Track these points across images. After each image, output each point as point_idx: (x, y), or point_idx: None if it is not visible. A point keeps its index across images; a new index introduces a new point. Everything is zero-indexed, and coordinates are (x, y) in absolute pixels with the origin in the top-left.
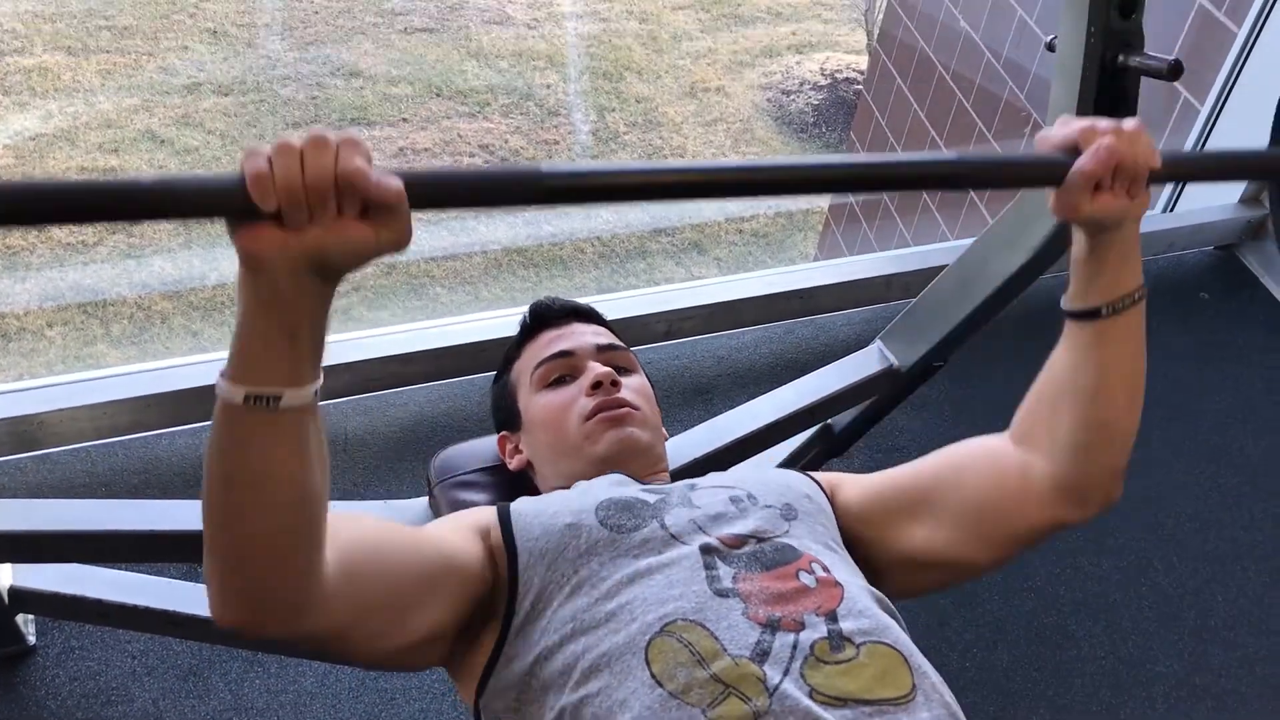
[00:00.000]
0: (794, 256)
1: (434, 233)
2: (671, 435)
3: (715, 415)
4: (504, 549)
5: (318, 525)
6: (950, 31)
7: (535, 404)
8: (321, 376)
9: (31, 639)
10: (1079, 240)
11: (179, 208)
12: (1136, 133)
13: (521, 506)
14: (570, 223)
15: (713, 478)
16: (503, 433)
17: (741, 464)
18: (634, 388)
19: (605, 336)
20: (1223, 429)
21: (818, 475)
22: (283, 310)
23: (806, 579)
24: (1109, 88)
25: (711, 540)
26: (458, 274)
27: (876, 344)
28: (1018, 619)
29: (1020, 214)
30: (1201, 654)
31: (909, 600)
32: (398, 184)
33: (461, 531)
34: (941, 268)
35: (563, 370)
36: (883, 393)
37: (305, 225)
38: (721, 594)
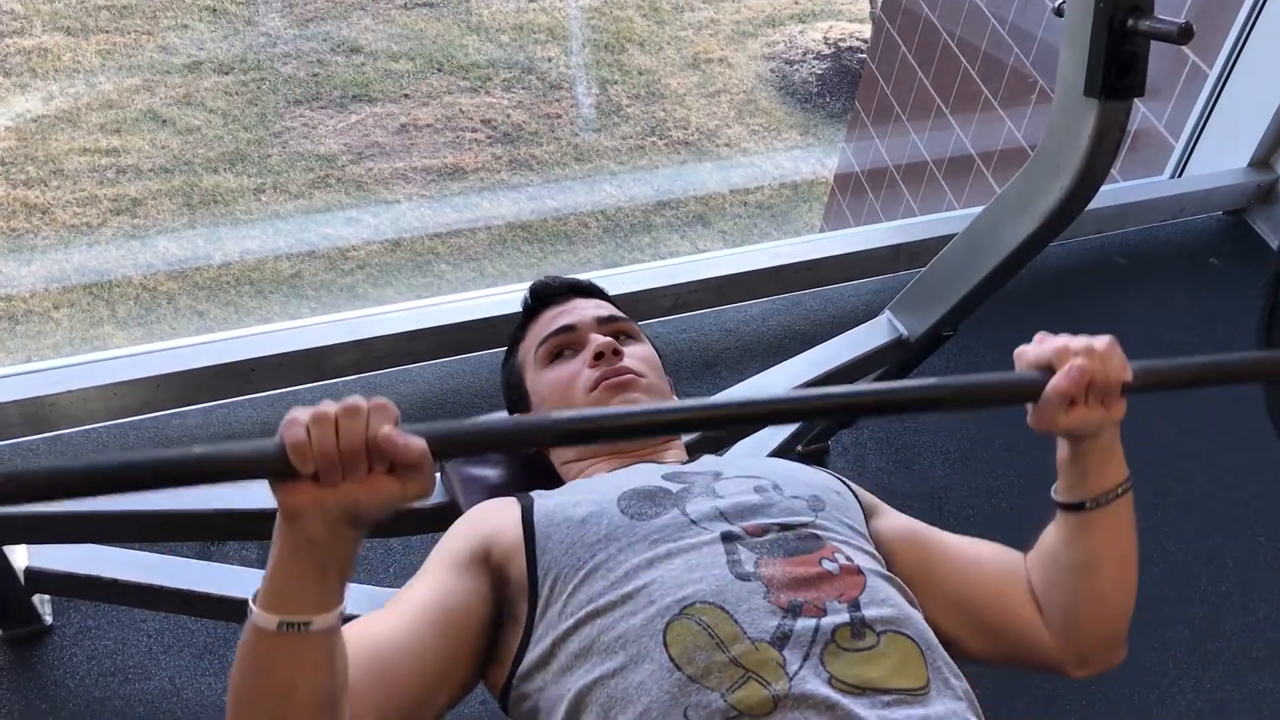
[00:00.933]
0: (799, 228)
1: (437, 209)
2: None
3: (723, 388)
4: (523, 549)
5: (340, 715)
6: (949, 20)
7: (541, 381)
8: (346, 600)
9: (48, 619)
10: (1061, 445)
11: (228, 473)
12: (1108, 351)
13: (544, 500)
14: (574, 197)
15: (738, 465)
16: (515, 415)
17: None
18: (638, 355)
19: (606, 309)
20: (1232, 394)
21: (856, 487)
22: (316, 554)
23: (829, 565)
24: (1118, 52)
25: (734, 528)
26: (462, 250)
27: (885, 314)
28: None
29: (1029, 181)
30: (1213, 619)
31: None
32: (421, 445)
33: (459, 571)
34: (949, 237)
35: (565, 345)
36: (892, 363)
37: (339, 483)
38: (742, 577)
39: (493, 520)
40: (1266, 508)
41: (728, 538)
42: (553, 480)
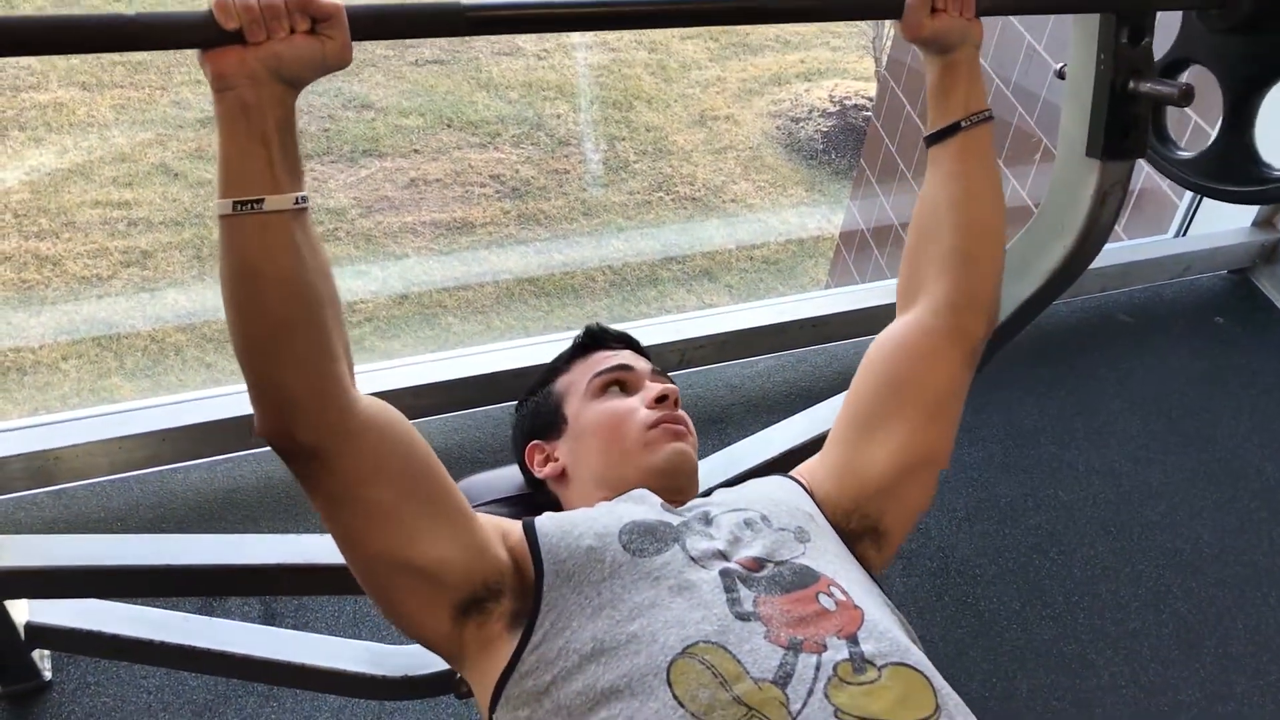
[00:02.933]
0: (805, 283)
1: (446, 263)
2: None
3: (730, 442)
4: (529, 560)
5: (321, 325)
6: None
7: (591, 409)
8: (303, 190)
9: (47, 674)
10: (931, 69)
11: (155, 39)
12: None
13: (545, 523)
14: (581, 251)
15: (726, 500)
16: (535, 441)
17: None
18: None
19: (655, 368)
20: (1239, 454)
21: (799, 476)
22: (251, 118)
23: (826, 602)
24: (1120, 114)
25: (731, 564)
26: (470, 304)
27: None
28: (1037, 647)
29: (1031, 241)
30: (1224, 682)
31: (917, 526)
32: (337, 2)
33: (486, 520)
34: None
35: (621, 382)
36: None
37: (263, 41)
38: (742, 617)
39: (504, 522)
40: (1275, 568)
41: (726, 575)
42: None
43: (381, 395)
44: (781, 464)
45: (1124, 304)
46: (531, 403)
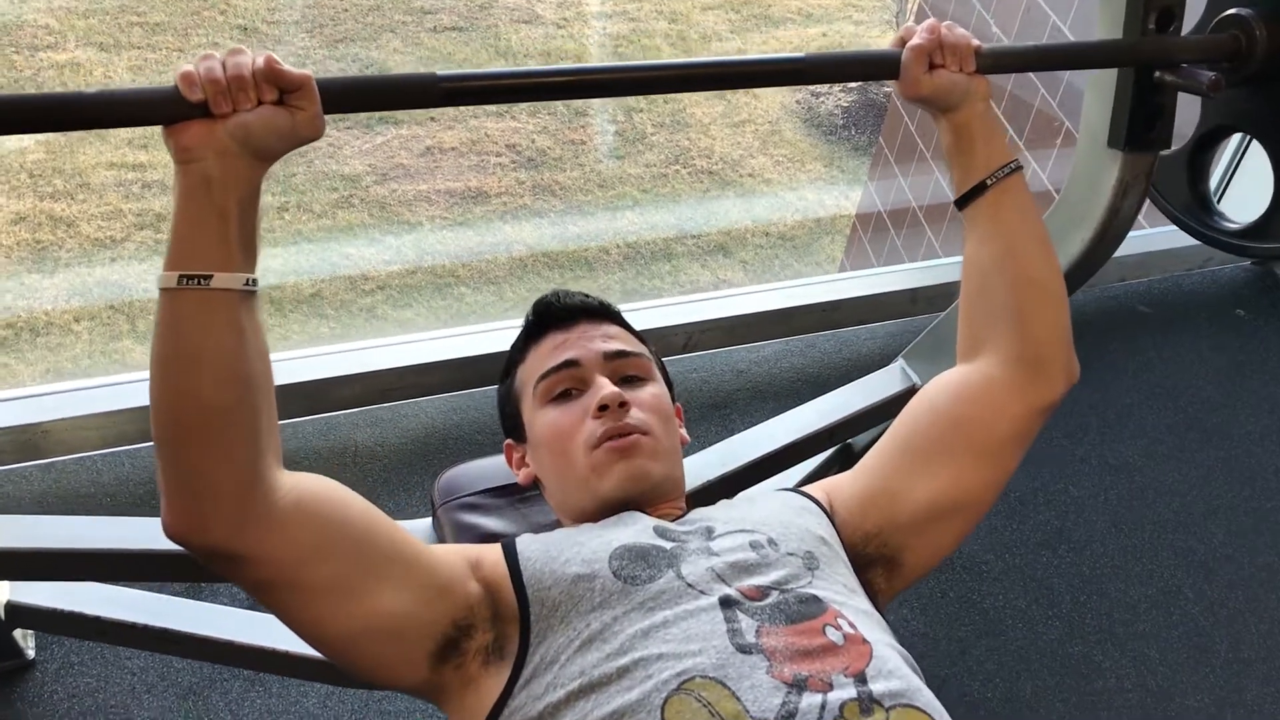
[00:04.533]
0: (821, 260)
1: (459, 233)
2: (688, 450)
3: (733, 431)
4: (510, 589)
5: (255, 415)
6: (981, 37)
7: (539, 422)
8: (256, 272)
9: (31, 653)
10: (942, 132)
11: (119, 116)
12: (951, 24)
13: (529, 549)
14: (596, 224)
15: (730, 517)
16: (509, 440)
17: (755, 492)
18: (647, 404)
19: (616, 341)
20: (1258, 450)
21: (817, 492)
22: (212, 192)
23: (834, 635)
24: (1144, 104)
25: (731, 591)
26: (482, 273)
27: (899, 363)
28: (1042, 648)
29: (1052, 228)
30: (1234, 687)
31: (935, 568)
32: (306, 73)
33: (450, 553)
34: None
35: (568, 383)
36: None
37: (228, 113)
38: (744, 649)
39: (480, 549)
40: None
41: (726, 603)
42: None
43: (380, 374)
44: (783, 459)
45: (1143, 294)
46: (500, 395)
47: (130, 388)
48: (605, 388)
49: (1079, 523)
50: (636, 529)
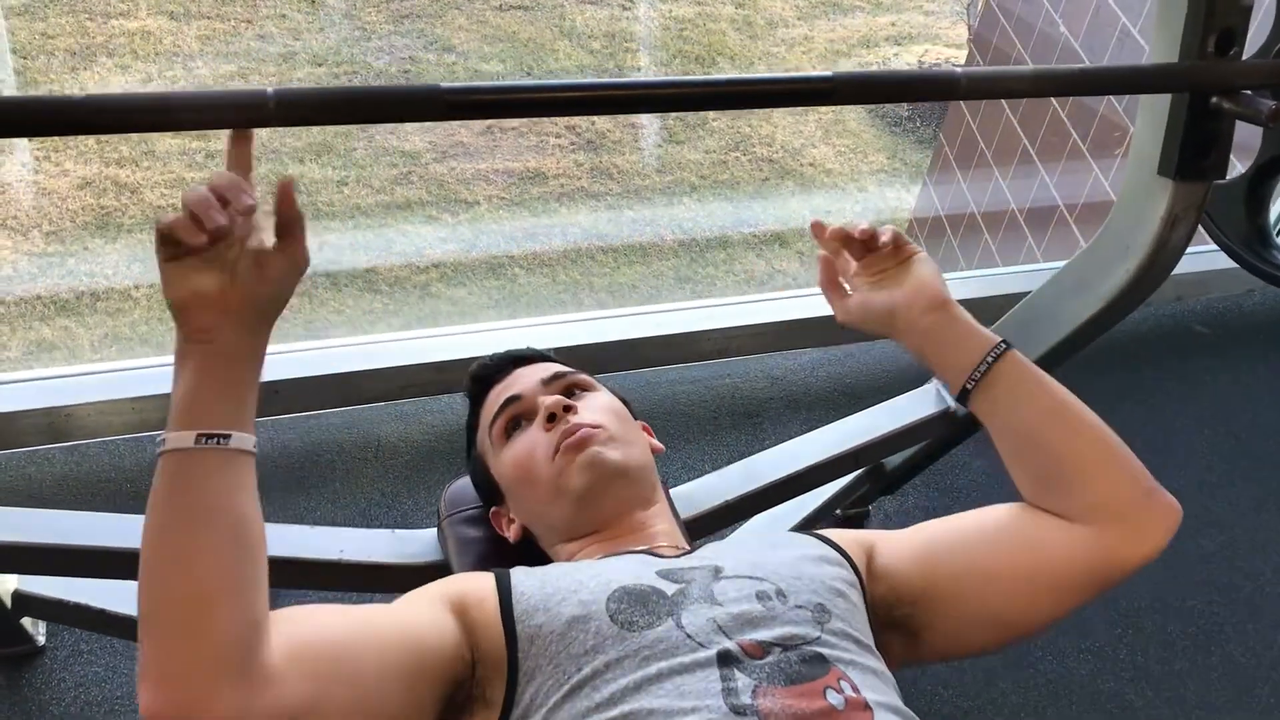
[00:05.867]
0: None
1: (516, 212)
2: (715, 459)
3: (763, 441)
4: (501, 631)
5: (259, 581)
6: (1047, 38)
7: (503, 464)
8: (255, 437)
9: (41, 639)
10: (910, 353)
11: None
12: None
13: (524, 584)
14: (652, 209)
15: (742, 559)
16: (493, 509)
17: (778, 537)
18: (595, 406)
19: (550, 368)
20: None
21: (848, 544)
22: (232, 365)
23: (834, 698)
24: (1198, 131)
25: (731, 646)
26: (537, 255)
27: (933, 384)
28: (1073, 682)
29: (1094, 258)
30: None
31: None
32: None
33: (435, 609)
34: (1017, 296)
35: (517, 415)
36: (937, 435)
37: (225, 237)
38: (738, 711)
39: (470, 583)
40: None
41: (724, 659)
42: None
43: (405, 369)
44: (806, 480)
45: (1200, 314)
46: (470, 469)
47: (153, 372)
48: (548, 399)
49: None
50: (638, 568)
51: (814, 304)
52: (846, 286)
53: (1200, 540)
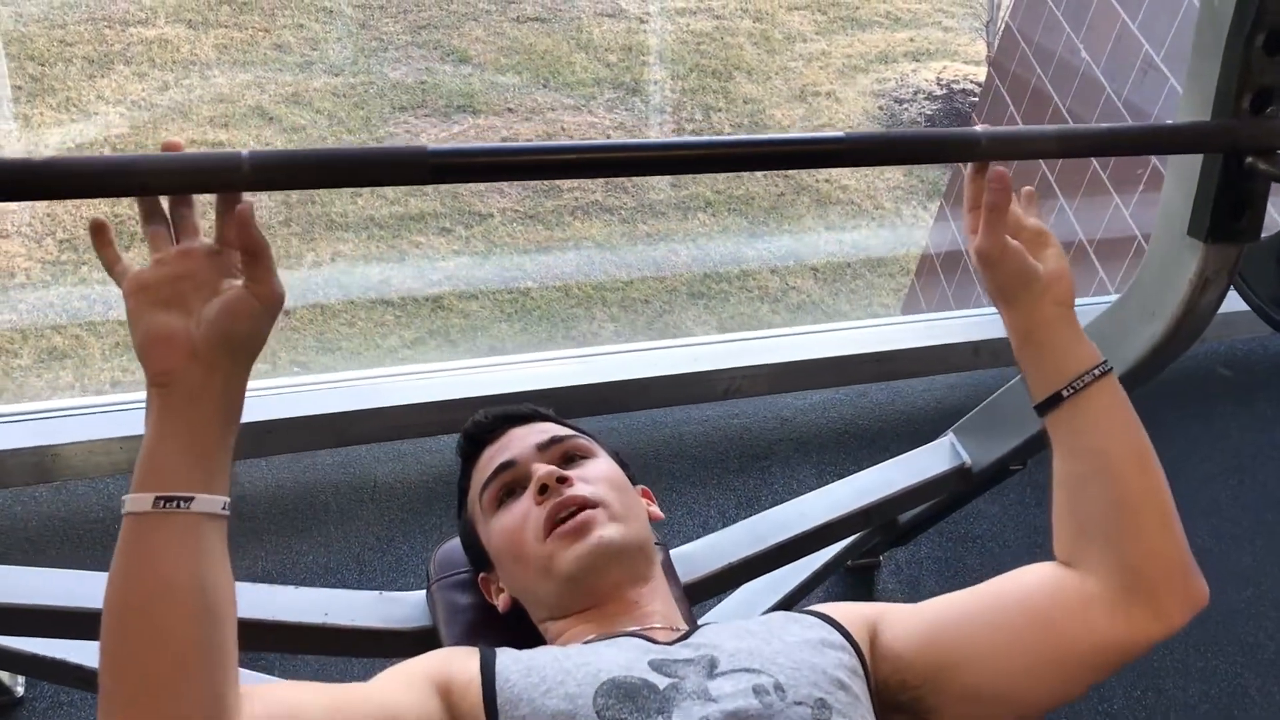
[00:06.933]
0: (894, 271)
1: (529, 225)
2: (721, 505)
3: (771, 484)
4: (481, 711)
5: (226, 650)
6: (1067, 65)
7: (493, 533)
8: (228, 497)
9: (20, 690)
10: (1008, 329)
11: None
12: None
13: (509, 671)
14: (666, 223)
15: (738, 649)
16: (481, 575)
17: (774, 618)
18: (592, 477)
19: (547, 431)
20: None
21: (852, 623)
22: (199, 406)
23: None
24: (1232, 191)
25: None
26: (549, 268)
27: (949, 437)
28: None
29: (1117, 319)
30: None
31: None
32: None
33: (418, 691)
34: None
35: (509, 483)
36: (951, 492)
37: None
38: None
39: (455, 664)
40: None
41: None
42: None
43: (397, 409)
44: (814, 540)
45: (1224, 356)
46: (460, 531)
47: (141, 413)
48: (542, 469)
49: None
50: (630, 656)
51: (827, 342)
52: None
53: (1225, 596)
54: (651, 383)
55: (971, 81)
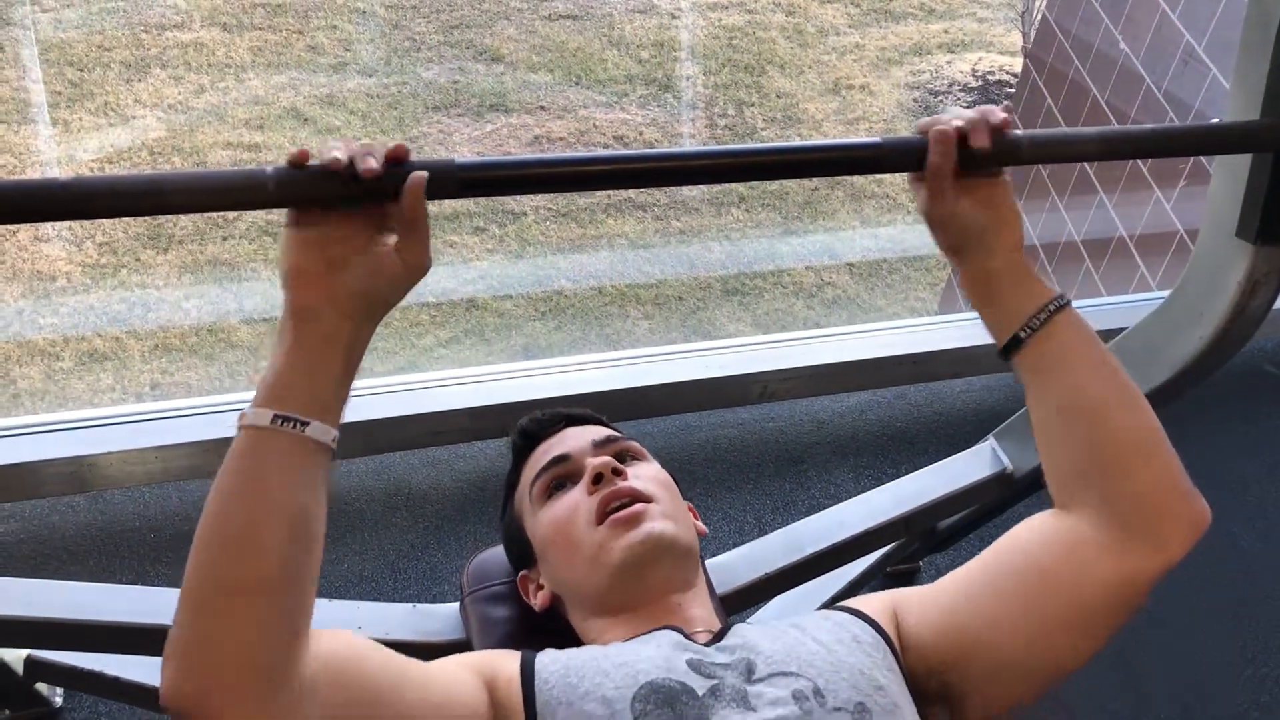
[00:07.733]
0: (930, 264)
1: (562, 223)
2: (758, 510)
3: (808, 489)
4: (521, 710)
5: (309, 577)
6: (1105, 56)
7: (541, 523)
8: (338, 432)
9: (58, 701)
10: (961, 280)
11: (215, 197)
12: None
13: (548, 671)
14: (699, 219)
15: (775, 652)
16: (521, 572)
17: (809, 619)
18: (646, 475)
19: (603, 432)
20: None
21: (880, 614)
22: (330, 349)
23: None
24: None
25: None
26: (583, 267)
27: (989, 442)
28: None
29: (1164, 322)
30: None
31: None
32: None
33: (469, 675)
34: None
35: (561, 476)
36: (992, 498)
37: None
38: None
39: (499, 661)
40: None
41: None
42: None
43: (433, 415)
44: (852, 549)
45: (1271, 353)
46: (504, 527)
47: (176, 421)
48: (597, 460)
49: (1179, 608)
50: (668, 656)
51: (863, 344)
52: None
53: (1272, 601)
54: (685, 386)
55: (1007, 73)
